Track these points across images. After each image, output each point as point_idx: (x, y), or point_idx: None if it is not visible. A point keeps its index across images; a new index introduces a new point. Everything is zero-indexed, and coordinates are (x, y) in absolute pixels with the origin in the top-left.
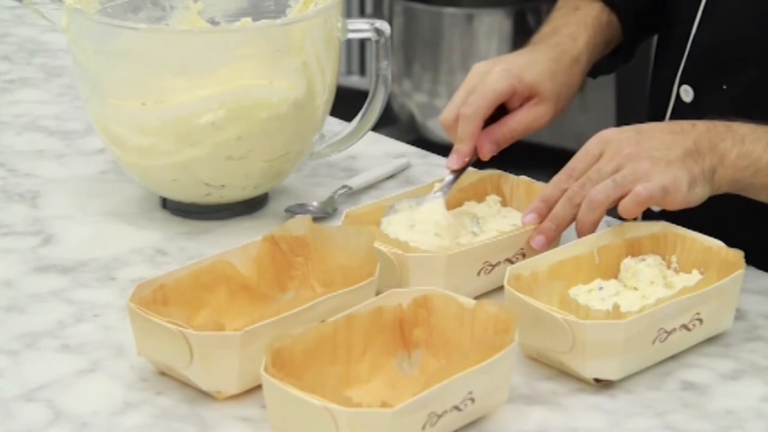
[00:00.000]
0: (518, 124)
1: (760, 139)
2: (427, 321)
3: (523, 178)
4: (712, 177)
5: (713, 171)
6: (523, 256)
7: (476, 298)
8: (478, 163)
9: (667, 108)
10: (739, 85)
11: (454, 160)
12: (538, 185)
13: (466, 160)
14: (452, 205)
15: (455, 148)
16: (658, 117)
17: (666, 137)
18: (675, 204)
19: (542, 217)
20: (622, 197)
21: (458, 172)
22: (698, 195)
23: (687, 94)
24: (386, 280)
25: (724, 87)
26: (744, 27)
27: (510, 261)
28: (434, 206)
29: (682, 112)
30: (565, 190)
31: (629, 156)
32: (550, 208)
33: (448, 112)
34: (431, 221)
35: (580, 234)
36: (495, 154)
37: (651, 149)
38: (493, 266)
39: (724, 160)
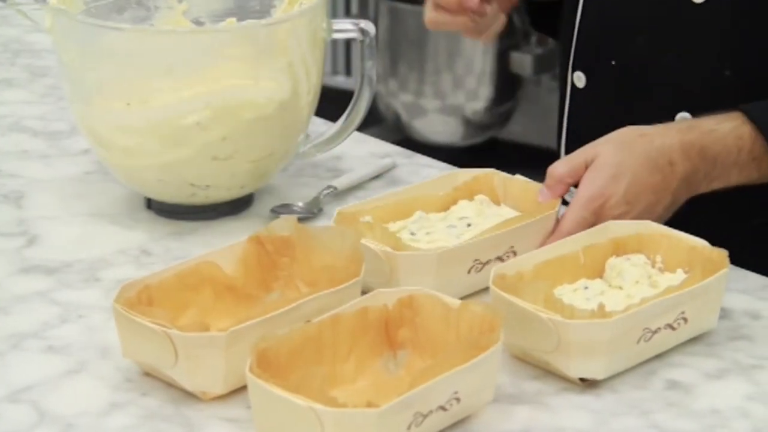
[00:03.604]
0: None
1: (730, 152)
2: (413, 321)
3: (518, 176)
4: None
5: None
6: (514, 254)
7: (466, 296)
8: (472, 164)
9: (565, 96)
10: (627, 54)
11: None
12: (533, 184)
13: None
14: (446, 204)
15: None
16: (560, 105)
17: (650, 197)
18: None
19: (554, 191)
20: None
21: None
22: (666, 217)
23: (580, 80)
24: (376, 278)
25: (613, 63)
26: (626, 5)
27: (500, 259)
28: None
29: (578, 98)
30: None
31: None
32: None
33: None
34: None
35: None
36: None
37: (640, 213)
38: (484, 264)
39: (698, 191)
